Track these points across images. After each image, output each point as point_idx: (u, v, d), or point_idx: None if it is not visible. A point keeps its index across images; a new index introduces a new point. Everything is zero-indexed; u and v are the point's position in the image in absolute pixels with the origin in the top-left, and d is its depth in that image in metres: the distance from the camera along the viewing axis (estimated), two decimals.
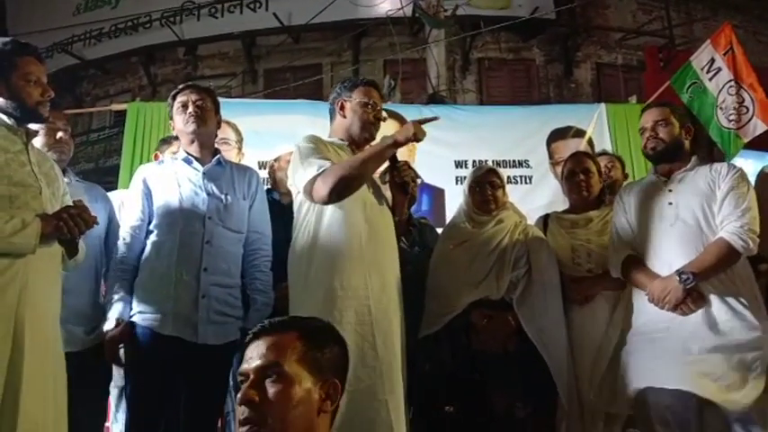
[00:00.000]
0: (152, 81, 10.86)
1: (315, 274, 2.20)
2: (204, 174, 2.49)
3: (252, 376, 1.25)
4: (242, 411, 1.22)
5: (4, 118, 2.06)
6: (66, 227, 2.00)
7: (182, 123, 2.50)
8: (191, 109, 2.48)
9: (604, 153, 3.78)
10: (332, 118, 2.50)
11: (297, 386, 1.22)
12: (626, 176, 3.61)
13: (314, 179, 2.15)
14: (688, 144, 2.59)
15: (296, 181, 2.28)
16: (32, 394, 1.88)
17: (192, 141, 2.52)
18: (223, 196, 2.48)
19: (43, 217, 1.99)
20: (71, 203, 2.21)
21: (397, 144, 2.24)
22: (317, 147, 2.26)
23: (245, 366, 1.27)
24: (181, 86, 2.58)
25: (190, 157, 2.51)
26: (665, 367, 2.32)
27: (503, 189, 2.87)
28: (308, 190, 2.19)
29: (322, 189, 2.13)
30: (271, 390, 1.21)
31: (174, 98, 2.54)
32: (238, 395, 1.25)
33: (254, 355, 1.27)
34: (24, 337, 1.89)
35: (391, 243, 2.40)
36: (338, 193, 2.14)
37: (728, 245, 2.32)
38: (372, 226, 2.28)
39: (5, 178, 1.96)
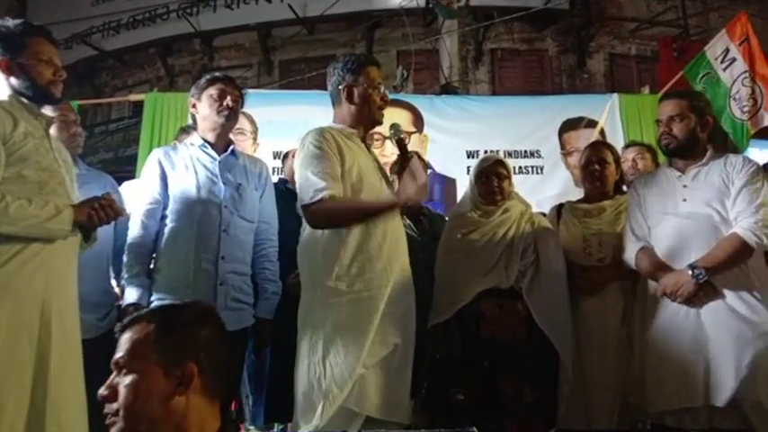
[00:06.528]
0: (169, 72, 10.96)
1: (338, 261, 2.20)
2: (220, 163, 2.54)
3: (113, 370, 1.31)
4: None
5: (23, 99, 2.09)
6: (98, 216, 2.05)
7: (212, 111, 2.53)
8: (229, 102, 2.53)
9: (633, 144, 3.70)
10: (335, 103, 2.42)
11: (141, 378, 1.26)
12: (658, 166, 3.54)
13: (317, 202, 2.13)
14: (705, 137, 2.55)
15: (299, 188, 2.24)
16: (60, 380, 1.91)
17: (215, 131, 2.56)
18: (238, 186, 2.54)
19: (75, 205, 2.03)
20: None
21: (396, 205, 2.23)
22: (325, 153, 2.21)
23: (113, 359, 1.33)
24: (218, 75, 2.61)
25: (206, 143, 2.56)
26: (679, 365, 2.34)
27: (509, 180, 2.87)
28: (305, 206, 2.17)
29: (314, 218, 2.18)
30: (120, 384, 1.27)
31: (208, 83, 2.55)
32: None
33: (116, 350, 1.32)
34: (52, 321, 1.93)
35: (403, 233, 2.42)
36: (324, 227, 2.20)
37: (742, 240, 2.31)
38: (389, 217, 2.29)
39: (35, 164, 2.00)
